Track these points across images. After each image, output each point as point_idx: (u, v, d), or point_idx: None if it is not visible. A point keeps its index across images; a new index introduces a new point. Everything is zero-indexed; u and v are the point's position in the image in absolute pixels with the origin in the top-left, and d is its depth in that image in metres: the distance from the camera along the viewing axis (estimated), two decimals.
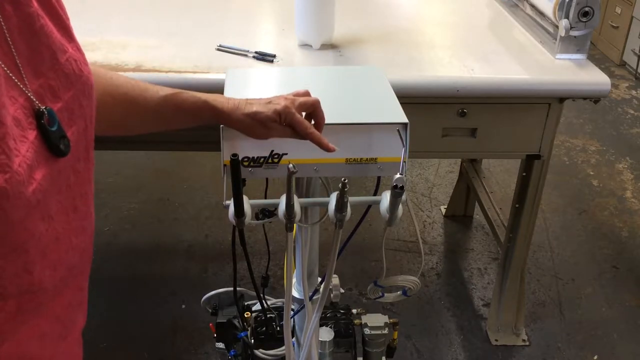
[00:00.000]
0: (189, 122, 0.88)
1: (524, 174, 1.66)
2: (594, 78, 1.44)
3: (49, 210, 0.51)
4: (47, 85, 0.52)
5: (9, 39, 0.48)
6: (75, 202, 0.56)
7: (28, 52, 0.50)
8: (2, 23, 0.47)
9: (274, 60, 1.47)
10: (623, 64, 3.96)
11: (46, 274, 0.52)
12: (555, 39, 1.51)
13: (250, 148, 0.88)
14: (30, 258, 0.49)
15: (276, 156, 0.88)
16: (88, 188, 0.60)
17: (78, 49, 0.58)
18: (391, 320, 1.37)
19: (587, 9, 1.42)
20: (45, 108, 0.50)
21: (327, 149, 0.85)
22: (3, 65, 0.47)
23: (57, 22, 0.55)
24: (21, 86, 0.49)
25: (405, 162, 0.87)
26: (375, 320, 1.35)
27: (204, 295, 1.39)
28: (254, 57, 1.49)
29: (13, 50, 0.48)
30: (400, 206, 0.88)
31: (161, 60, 1.44)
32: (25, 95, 0.49)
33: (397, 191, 0.82)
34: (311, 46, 1.54)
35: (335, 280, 1.16)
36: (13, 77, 0.48)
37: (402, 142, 0.87)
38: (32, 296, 0.51)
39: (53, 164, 0.51)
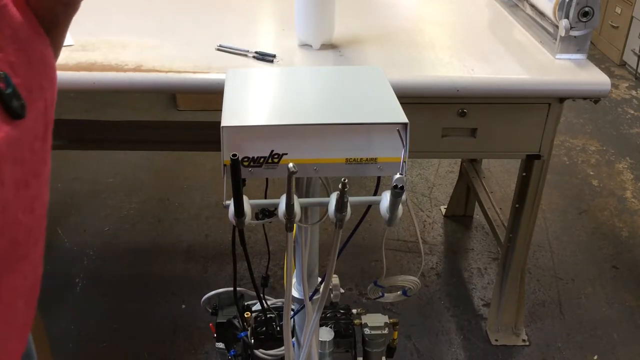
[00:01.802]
0: None
1: (524, 174, 1.66)
2: (594, 78, 1.44)
3: (2, 174, 0.51)
4: (7, 61, 0.53)
5: None
6: (27, 178, 0.56)
7: None
8: None
9: (274, 60, 1.47)
10: (623, 64, 3.96)
11: None
12: (555, 39, 1.51)
13: (250, 148, 0.87)
14: None
15: (276, 156, 0.88)
16: (43, 169, 0.60)
17: (40, 34, 0.59)
18: (391, 320, 1.37)
19: (587, 9, 1.42)
20: (1, 72, 0.51)
21: None
22: None
23: (20, 8, 0.56)
24: None
25: (405, 162, 0.87)
26: (375, 320, 1.35)
27: (204, 295, 1.39)
28: (254, 57, 1.49)
29: None
30: (400, 206, 0.88)
31: (161, 60, 1.44)
32: None
33: (397, 191, 0.82)
34: (311, 46, 1.54)
35: (335, 280, 1.16)
36: None
37: (402, 142, 0.87)
38: None
39: (10, 127, 0.52)
